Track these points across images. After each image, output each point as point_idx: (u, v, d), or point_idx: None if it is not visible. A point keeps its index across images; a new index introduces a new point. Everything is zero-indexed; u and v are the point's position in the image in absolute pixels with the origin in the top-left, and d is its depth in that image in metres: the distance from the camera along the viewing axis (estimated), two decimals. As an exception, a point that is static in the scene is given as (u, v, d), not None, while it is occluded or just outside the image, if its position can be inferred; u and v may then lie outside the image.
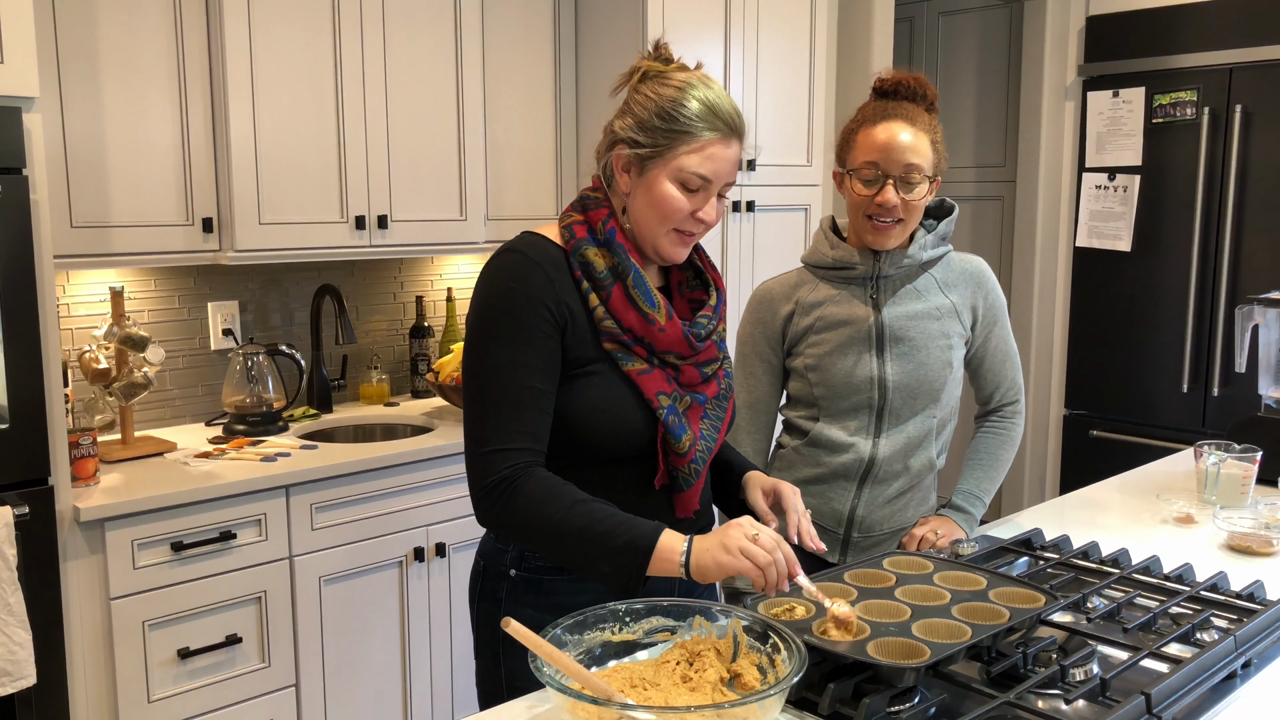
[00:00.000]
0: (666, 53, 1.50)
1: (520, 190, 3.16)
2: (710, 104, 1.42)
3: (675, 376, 1.49)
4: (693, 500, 1.51)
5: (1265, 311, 2.39)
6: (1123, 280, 4.08)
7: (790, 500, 1.52)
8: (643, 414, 1.45)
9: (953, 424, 1.94)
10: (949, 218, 1.95)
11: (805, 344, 1.88)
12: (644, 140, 1.43)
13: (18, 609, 1.99)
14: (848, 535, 1.89)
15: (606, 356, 1.45)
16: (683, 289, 1.58)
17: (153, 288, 2.80)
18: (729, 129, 1.43)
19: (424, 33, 2.84)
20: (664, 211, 1.44)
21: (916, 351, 1.84)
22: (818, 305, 1.89)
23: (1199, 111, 3.81)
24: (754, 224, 3.37)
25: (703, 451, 1.50)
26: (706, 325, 1.51)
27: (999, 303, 1.95)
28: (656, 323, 1.45)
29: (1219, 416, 3.83)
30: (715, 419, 1.54)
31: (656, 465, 1.48)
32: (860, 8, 3.84)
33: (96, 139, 2.39)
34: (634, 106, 1.45)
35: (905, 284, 1.88)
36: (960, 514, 1.92)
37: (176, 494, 2.26)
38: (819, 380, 1.86)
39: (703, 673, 1.20)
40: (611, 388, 1.44)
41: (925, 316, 1.86)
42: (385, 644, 2.65)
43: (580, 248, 1.45)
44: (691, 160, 1.42)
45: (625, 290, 1.44)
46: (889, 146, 1.78)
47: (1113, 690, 1.26)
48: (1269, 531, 1.88)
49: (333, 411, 3.07)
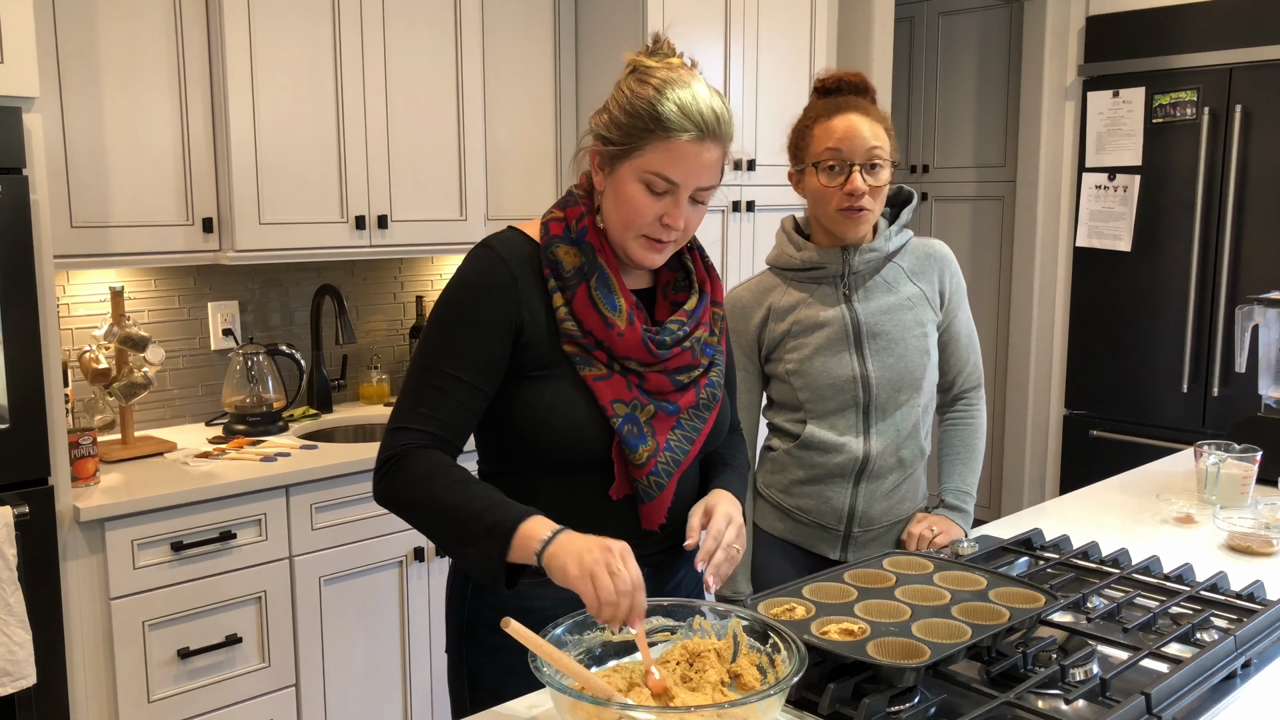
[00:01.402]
0: (665, 47, 1.43)
1: (520, 190, 3.16)
2: (684, 103, 1.34)
3: (638, 384, 1.42)
4: (658, 513, 1.44)
5: (1265, 311, 2.39)
6: (1123, 280, 4.08)
7: (714, 526, 1.40)
8: (598, 422, 1.39)
9: (933, 406, 1.95)
10: (909, 205, 1.94)
11: (784, 349, 1.88)
12: (615, 137, 1.37)
13: (18, 609, 1.99)
14: (848, 531, 1.90)
15: (565, 359, 1.40)
16: (669, 291, 1.51)
17: (153, 288, 2.80)
18: (702, 130, 1.34)
19: (424, 32, 2.84)
20: (628, 214, 1.37)
21: (895, 345, 1.85)
22: (791, 309, 1.88)
23: (1199, 111, 3.81)
24: (754, 224, 3.37)
25: (666, 463, 1.42)
26: (676, 332, 1.43)
27: (961, 285, 1.95)
28: (615, 327, 1.38)
29: (1219, 416, 3.83)
30: (690, 429, 1.46)
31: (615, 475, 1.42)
32: (860, 8, 3.84)
33: (96, 139, 2.39)
34: (610, 102, 1.40)
35: (874, 277, 1.88)
36: (956, 512, 1.93)
37: (176, 494, 2.26)
38: (803, 384, 1.86)
39: (703, 673, 1.20)
40: (566, 392, 1.39)
41: (899, 308, 1.86)
42: (385, 644, 2.65)
43: (552, 245, 1.41)
44: (656, 160, 1.34)
45: (589, 291, 1.39)
46: (850, 134, 1.77)
47: (1113, 690, 1.26)
48: (1269, 531, 1.88)
49: (333, 411, 3.07)
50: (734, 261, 3.33)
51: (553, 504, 1.35)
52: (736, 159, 3.28)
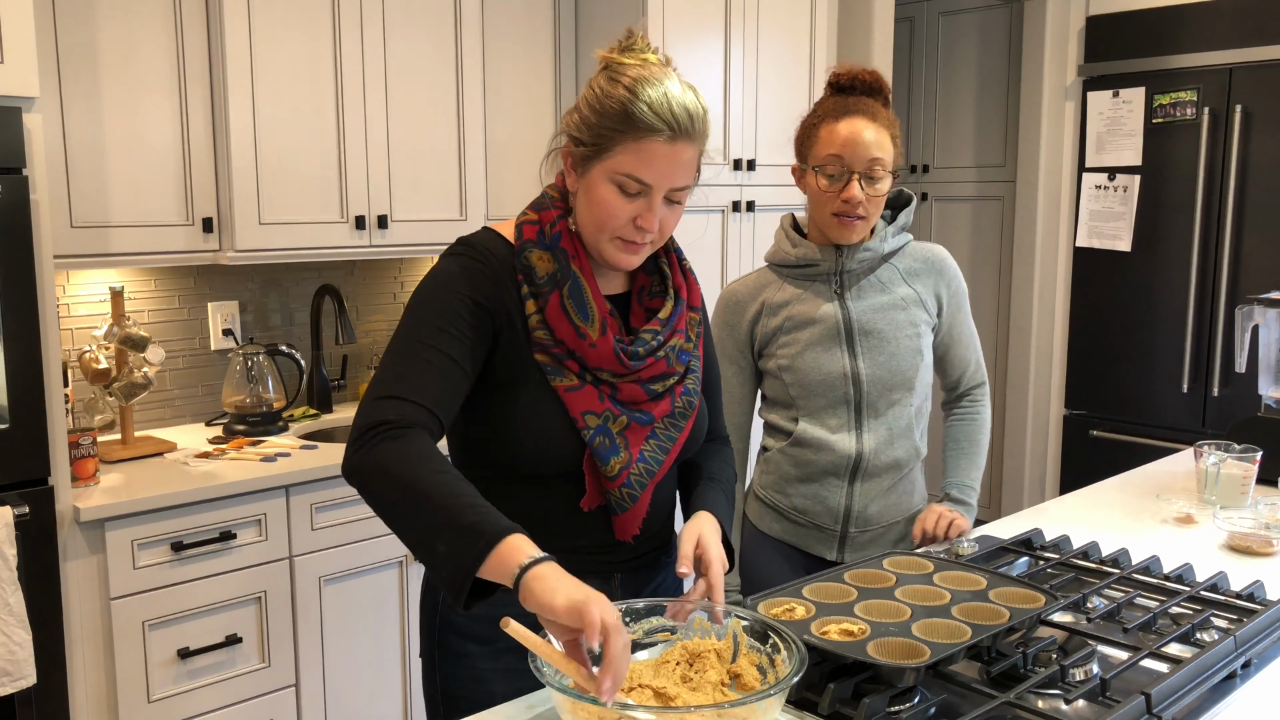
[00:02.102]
0: (639, 42, 1.38)
1: (520, 190, 3.16)
2: (655, 102, 1.29)
3: (611, 394, 1.38)
4: (632, 524, 1.41)
5: (1265, 311, 2.39)
6: (1123, 280, 4.08)
7: (712, 573, 1.33)
8: (569, 433, 1.35)
9: (928, 408, 1.96)
10: (908, 208, 1.95)
11: (776, 345, 1.89)
12: (586, 138, 1.33)
13: (18, 609, 1.99)
14: (844, 531, 1.90)
15: (537, 368, 1.35)
16: (644, 296, 1.46)
17: (153, 288, 2.80)
18: (674, 129, 1.30)
19: (424, 33, 2.84)
20: (600, 216, 1.33)
21: (886, 343, 1.85)
22: (784, 305, 1.89)
23: (1199, 111, 3.81)
24: (754, 224, 3.37)
25: (639, 475, 1.39)
26: (649, 342, 1.39)
27: (961, 289, 1.96)
28: (588, 337, 1.34)
29: (1219, 416, 3.83)
30: (665, 439, 1.42)
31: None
32: (860, 8, 3.84)
33: (96, 139, 2.39)
34: (581, 101, 1.36)
35: (868, 277, 1.88)
36: (961, 505, 1.94)
37: (176, 494, 2.26)
38: (793, 380, 1.87)
39: (703, 673, 1.20)
40: (537, 403, 1.35)
41: (891, 308, 1.87)
42: (385, 644, 2.65)
43: (525, 250, 1.36)
44: (626, 160, 1.30)
45: (561, 299, 1.35)
46: (853, 142, 1.77)
47: (1113, 690, 1.26)
48: (1269, 531, 1.88)
49: (333, 411, 3.07)
50: (734, 261, 3.33)
51: (524, 514, 1.26)
52: (736, 159, 3.28)
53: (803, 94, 3.45)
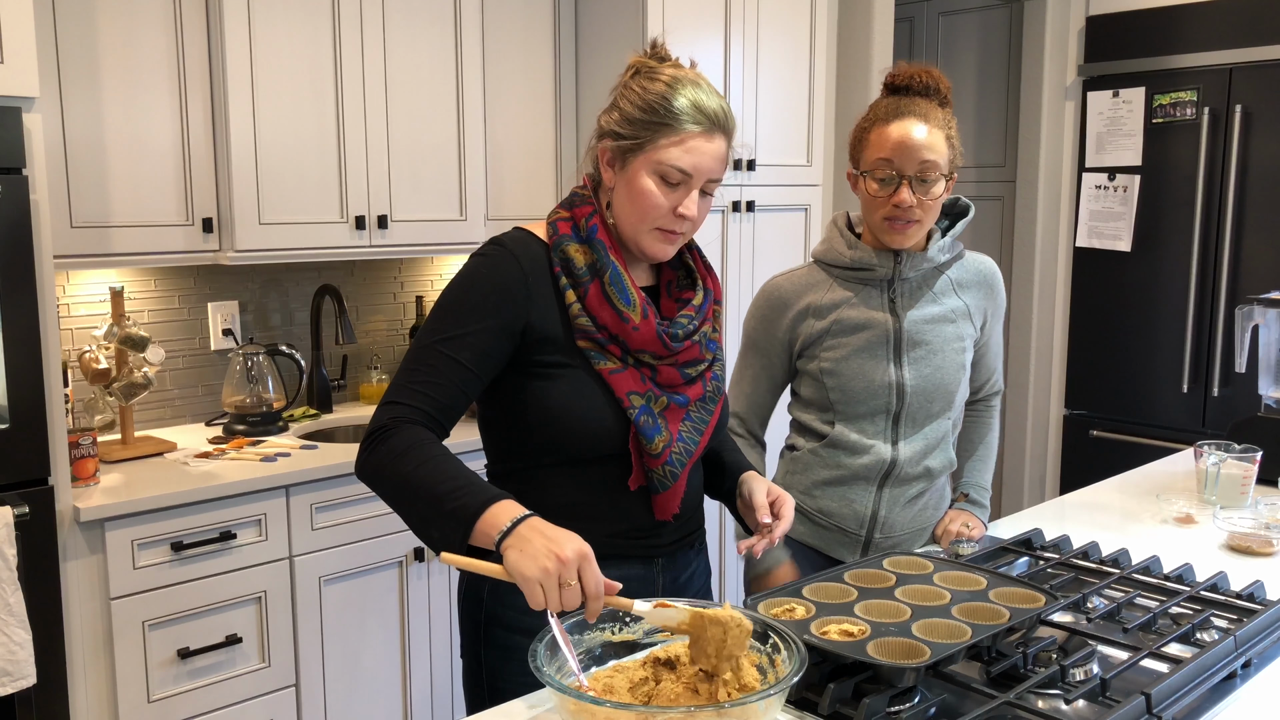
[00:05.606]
0: (663, 51, 1.49)
1: (520, 190, 3.16)
2: (694, 99, 1.41)
3: (651, 376, 1.46)
4: (672, 503, 1.48)
5: (1265, 311, 2.39)
6: (1123, 280, 4.08)
7: (785, 510, 1.51)
8: (614, 413, 1.42)
9: (961, 418, 1.95)
10: (965, 219, 1.91)
11: (821, 347, 1.84)
12: (626, 133, 1.42)
13: (18, 609, 1.99)
14: (869, 537, 1.87)
15: (580, 355, 1.43)
16: (672, 289, 1.55)
17: (153, 288, 2.80)
18: (712, 124, 1.41)
19: (424, 33, 2.84)
20: (643, 206, 1.42)
21: (934, 355, 1.83)
22: (834, 308, 1.84)
23: (1199, 111, 3.81)
24: (754, 224, 3.37)
25: (680, 454, 1.46)
26: (686, 325, 1.48)
27: (1003, 303, 1.96)
28: (630, 320, 1.42)
29: (1219, 416, 3.83)
30: (699, 421, 1.51)
31: (631, 466, 1.45)
32: (860, 8, 3.84)
33: (96, 139, 2.39)
34: (620, 100, 1.45)
35: (922, 286, 1.85)
36: (978, 507, 1.93)
37: (176, 494, 2.26)
38: (835, 385, 1.83)
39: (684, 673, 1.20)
40: (583, 386, 1.42)
41: (942, 320, 1.85)
42: (385, 644, 2.65)
43: (562, 244, 1.45)
44: (671, 153, 1.40)
45: (602, 287, 1.43)
46: (903, 145, 1.72)
47: (1113, 690, 1.26)
48: (1269, 531, 1.88)
49: (333, 411, 3.07)
50: (734, 261, 3.33)
51: (565, 499, 1.41)
52: (737, 159, 3.28)
53: (803, 94, 3.45)
